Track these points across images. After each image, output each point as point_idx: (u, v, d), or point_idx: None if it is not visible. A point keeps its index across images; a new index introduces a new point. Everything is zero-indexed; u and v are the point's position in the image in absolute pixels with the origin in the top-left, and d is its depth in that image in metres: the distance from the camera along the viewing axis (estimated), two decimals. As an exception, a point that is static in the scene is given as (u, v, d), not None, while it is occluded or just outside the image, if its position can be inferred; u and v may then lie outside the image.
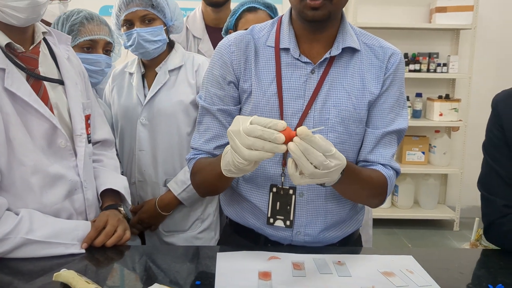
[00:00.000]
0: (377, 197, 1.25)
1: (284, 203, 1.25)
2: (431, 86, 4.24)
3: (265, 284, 1.06)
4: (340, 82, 1.23)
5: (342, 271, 1.13)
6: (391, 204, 4.25)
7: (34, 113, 1.21)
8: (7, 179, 1.17)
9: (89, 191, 1.35)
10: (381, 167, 1.24)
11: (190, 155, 1.31)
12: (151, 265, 1.19)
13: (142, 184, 1.84)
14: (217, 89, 1.27)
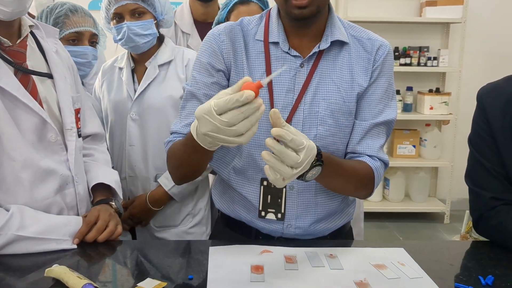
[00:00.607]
0: (364, 188, 1.25)
1: (275, 196, 1.26)
2: (421, 80, 4.26)
3: (257, 277, 1.06)
4: (329, 75, 1.24)
5: (334, 264, 1.13)
6: (382, 198, 4.27)
7: (23, 107, 1.20)
8: (-4, 175, 1.16)
9: (80, 186, 1.34)
10: (367, 158, 1.24)
11: (168, 138, 1.27)
12: (143, 260, 1.19)
13: (132, 179, 1.83)
14: (205, 76, 1.25)
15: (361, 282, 1.04)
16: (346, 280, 1.05)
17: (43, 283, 1.02)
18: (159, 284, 1.02)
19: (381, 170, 1.26)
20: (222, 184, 1.37)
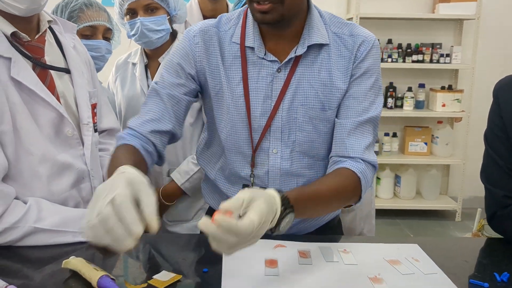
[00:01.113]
0: (350, 200, 1.18)
1: None
2: (434, 77, 4.23)
3: (272, 271, 1.06)
4: (308, 80, 1.19)
5: (348, 259, 1.13)
6: (393, 195, 4.26)
7: (41, 102, 1.21)
8: (14, 169, 1.18)
9: (96, 180, 1.36)
10: (350, 163, 1.16)
11: (121, 133, 1.20)
12: (157, 253, 1.20)
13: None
14: (173, 77, 1.22)
15: (376, 278, 1.04)
16: (360, 275, 1.05)
17: (60, 274, 1.04)
18: (174, 277, 1.03)
19: (368, 173, 1.18)
20: (211, 183, 1.38)
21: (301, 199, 1.01)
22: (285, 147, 1.23)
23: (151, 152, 1.18)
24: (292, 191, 1.00)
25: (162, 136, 1.21)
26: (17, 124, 1.17)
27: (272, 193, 0.93)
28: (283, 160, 1.23)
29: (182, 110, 1.24)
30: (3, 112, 1.14)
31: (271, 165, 1.24)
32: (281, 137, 1.22)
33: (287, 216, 0.94)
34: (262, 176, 1.25)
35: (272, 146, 1.23)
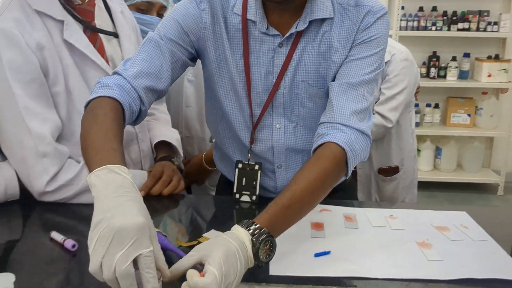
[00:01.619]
0: (337, 180, 1.06)
1: (250, 179, 1.24)
2: (480, 46, 4.07)
3: (318, 234, 1.07)
4: (309, 55, 1.13)
5: (395, 224, 1.13)
6: (433, 167, 4.18)
7: (92, 65, 1.24)
8: (67, 129, 1.21)
9: (144, 143, 1.39)
10: (335, 134, 1.04)
11: (107, 79, 1.03)
12: (205, 215, 1.23)
13: (189, 140, 1.87)
14: (174, 35, 1.11)
15: (423, 243, 1.04)
16: (408, 240, 1.05)
17: (113, 231, 1.07)
18: (223, 237, 1.05)
19: (356, 144, 1.05)
20: (220, 151, 1.36)
21: (276, 216, 0.90)
22: (289, 122, 1.20)
23: (133, 112, 1.04)
24: (263, 213, 0.90)
25: (153, 95, 1.09)
26: (70, 85, 1.20)
27: (235, 232, 0.84)
28: (287, 135, 1.21)
29: (177, 70, 1.14)
30: (56, 74, 1.17)
31: (275, 140, 1.21)
32: (283, 112, 1.19)
33: (265, 243, 0.85)
34: (267, 152, 1.23)
35: (275, 121, 1.20)
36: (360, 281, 0.90)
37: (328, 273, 0.91)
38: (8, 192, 1.18)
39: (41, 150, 1.13)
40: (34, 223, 1.16)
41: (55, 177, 1.15)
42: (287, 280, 0.89)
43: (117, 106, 0.98)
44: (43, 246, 1.01)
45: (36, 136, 1.13)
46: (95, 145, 0.85)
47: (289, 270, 0.92)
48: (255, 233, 0.84)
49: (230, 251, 0.79)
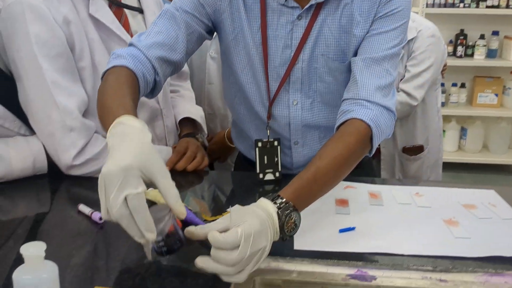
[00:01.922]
0: (361, 157, 1.04)
1: (271, 156, 1.23)
2: (509, 24, 3.95)
3: (342, 210, 1.07)
4: (329, 28, 1.10)
5: (421, 201, 1.12)
6: (458, 148, 4.12)
7: (117, 40, 1.24)
8: (93, 104, 1.22)
9: (168, 119, 1.40)
10: (360, 111, 1.02)
11: (122, 50, 1.03)
12: (230, 189, 1.24)
13: (211, 117, 1.87)
14: (189, 7, 1.10)
15: (450, 220, 1.02)
16: (435, 218, 1.04)
17: (139, 205, 1.09)
18: (248, 212, 1.05)
19: (382, 120, 1.03)
20: (238, 128, 1.36)
21: (300, 190, 0.89)
22: (306, 98, 1.18)
23: (148, 82, 1.03)
24: (287, 187, 0.89)
25: (168, 67, 1.09)
26: (95, 60, 1.21)
27: (262, 204, 0.83)
28: (304, 111, 1.19)
29: (193, 43, 1.13)
30: (82, 49, 1.18)
31: (292, 116, 1.20)
32: (301, 88, 1.17)
33: (290, 217, 0.84)
34: (283, 128, 1.23)
35: (292, 97, 1.18)
36: (386, 257, 0.89)
37: (353, 248, 0.91)
38: (36, 165, 1.20)
39: (68, 124, 1.15)
40: (61, 196, 1.18)
41: (82, 151, 1.17)
42: (312, 255, 0.89)
43: (130, 73, 0.98)
44: (71, 219, 1.04)
45: (63, 110, 1.14)
46: (106, 109, 0.87)
47: (314, 245, 0.92)
48: (281, 207, 0.83)
49: (262, 219, 0.78)
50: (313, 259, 0.88)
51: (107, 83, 0.95)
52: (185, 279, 0.81)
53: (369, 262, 0.88)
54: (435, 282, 0.85)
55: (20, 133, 1.21)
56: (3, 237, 0.95)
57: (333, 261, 0.88)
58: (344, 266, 0.87)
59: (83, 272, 0.83)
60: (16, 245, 0.90)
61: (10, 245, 0.92)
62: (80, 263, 0.86)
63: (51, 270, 0.67)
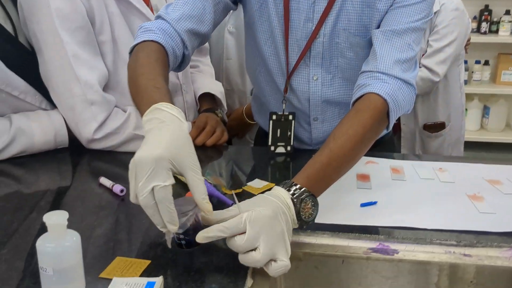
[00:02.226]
0: (378, 134, 1.00)
1: (285, 130, 1.22)
2: (535, -2, 3.84)
3: (364, 185, 1.06)
4: (352, 2, 1.08)
5: (444, 177, 1.10)
6: (480, 127, 4.04)
7: (137, 13, 1.23)
8: (113, 78, 1.22)
9: (188, 94, 1.39)
10: (376, 85, 0.98)
11: (150, 24, 1.01)
12: (249, 164, 1.23)
13: (229, 93, 1.86)
14: None
15: (475, 195, 1.00)
16: (458, 193, 1.02)
17: (159, 179, 1.09)
18: (267, 185, 1.05)
19: (399, 95, 0.98)
20: (258, 101, 1.34)
21: (315, 175, 0.86)
22: (326, 73, 1.16)
23: (177, 57, 1.02)
24: (301, 172, 0.86)
25: (196, 39, 1.07)
26: (115, 34, 1.20)
27: (275, 192, 0.81)
28: (324, 87, 1.18)
29: (219, 13, 1.11)
30: (102, 22, 1.18)
31: (311, 92, 1.19)
32: (321, 63, 1.15)
33: (306, 203, 0.81)
34: (303, 103, 1.21)
35: (313, 72, 1.16)
36: (408, 231, 0.88)
37: (374, 222, 0.90)
38: (57, 139, 1.21)
39: (89, 98, 1.15)
40: (83, 169, 1.19)
41: (102, 125, 1.17)
42: (333, 228, 0.88)
43: (161, 49, 0.97)
44: (93, 192, 1.04)
45: (84, 84, 1.14)
46: (140, 89, 0.86)
47: (334, 219, 0.91)
48: (295, 193, 0.80)
49: (273, 206, 0.76)
50: (334, 233, 0.88)
51: (138, 61, 0.93)
52: (207, 250, 0.80)
53: (391, 236, 0.87)
54: (458, 257, 0.84)
55: (41, 107, 1.22)
56: (27, 208, 0.96)
57: (354, 235, 0.87)
58: (366, 239, 0.86)
59: (105, 243, 0.84)
60: (40, 216, 0.91)
61: (33, 216, 0.93)
62: (102, 235, 0.86)
63: (74, 239, 0.68)
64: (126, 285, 0.67)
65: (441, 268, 0.84)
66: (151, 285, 0.67)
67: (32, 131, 1.17)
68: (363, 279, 0.86)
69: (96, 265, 0.76)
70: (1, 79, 1.12)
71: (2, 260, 0.78)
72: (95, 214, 0.94)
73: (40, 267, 0.67)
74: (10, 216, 0.93)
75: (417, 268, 0.84)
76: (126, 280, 0.68)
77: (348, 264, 0.85)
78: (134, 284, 0.67)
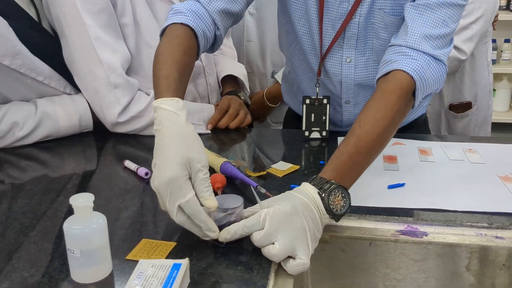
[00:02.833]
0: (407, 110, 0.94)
1: (319, 114, 1.19)
2: None
3: (391, 167, 1.03)
4: None
5: (474, 158, 1.07)
6: (508, 108, 3.94)
7: (158, -5, 1.22)
8: (136, 61, 1.22)
9: (211, 77, 1.38)
10: (403, 61, 0.93)
11: (182, 5, 0.99)
12: (273, 146, 1.22)
13: (250, 75, 1.84)
14: None
15: (507, 177, 0.97)
16: (489, 174, 0.99)
17: (183, 162, 1.09)
18: (292, 167, 1.04)
19: (427, 72, 0.93)
20: (288, 82, 1.32)
21: (342, 166, 0.83)
22: (360, 56, 1.13)
23: (208, 39, 1.00)
24: (328, 165, 0.83)
25: (228, 18, 1.05)
26: (137, 17, 1.20)
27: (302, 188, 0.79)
28: (357, 69, 1.15)
29: None
30: (124, 5, 1.17)
31: (344, 74, 1.16)
32: (356, 44, 1.12)
33: (335, 195, 0.78)
34: (335, 86, 1.19)
35: (346, 54, 1.14)
36: (438, 213, 0.86)
37: (403, 204, 0.88)
38: (82, 123, 1.21)
39: (112, 81, 1.15)
40: (108, 153, 1.19)
41: (126, 108, 1.17)
42: (359, 211, 0.87)
43: (188, 32, 0.95)
44: (118, 175, 1.05)
45: (108, 66, 1.14)
46: (154, 79, 0.87)
47: (361, 201, 0.90)
48: (322, 187, 0.78)
49: (295, 201, 0.75)
50: (361, 215, 0.86)
51: (159, 47, 0.93)
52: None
53: (419, 218, 0.85)
54: (490, 239, 0.81)
55: (65, 92, 1.22)
56: (54, 192, 0.97)
57: (382, 217, 0.85)
58: (394, 222, 0.85)
59: (131, 225, 0.84)
60: (67, 199, 0.92)
61: (61, 199, 0.94)
62: (128, 217, 0.87)
63: (100, 221, 0.68)
64: (152, 267, 0.67)
65: (472, 250, 0.82)
66: (177, 266, 0.67)
67: (57, 115, 1.18)
68: (390, 261, 0.84)
69: (123, 247, 0.77)
70: (26, 64, 1.12)
71: (31, 242, 0.79)
72: (121, 197, 0.94)
73: (68, 249, 0.67)
74: (38, 199, 0.94)
75: (447, 250, 0.82)
76: (153, 262, 0.68)
77: (375, 246, 0.83)
78: (160, 266, 0.67)
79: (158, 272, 0.66)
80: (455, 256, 0.83)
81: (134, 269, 0.67)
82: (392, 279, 0.85)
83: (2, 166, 1.10)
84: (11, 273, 0.72)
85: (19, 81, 1.14)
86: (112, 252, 0.72)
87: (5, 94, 1.16)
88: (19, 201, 0.93)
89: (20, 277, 0.70)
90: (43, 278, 0.70)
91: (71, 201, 0.66)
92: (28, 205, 0.92)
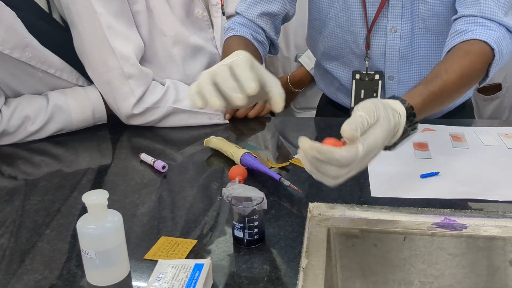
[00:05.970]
0: (475, 83, 0.92)
1: (370, 90, 1.12)
2: None
3: (423, 154, 0.97)
4: None
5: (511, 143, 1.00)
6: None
7: (172, -20, 1.17)
8: (149, 50, 1.17)
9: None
10: (482, 31, 0.88)
11: (229, 22, 1.12)
12: (295, 136, 1.17)
13: (272, 60, 1.78)
14: None
15: (549, 163, 0.91)
16: (530, 160, 0.92)
17: (201, 154, 1.04)
18: (316, 158, 0.98)
19: (504, 45, 0.89)
20: (322, 68, 1.27)
21: (427, 102, 0.78)
22: (406, 24, 1.07)
23: (262, 42, 1.09)
24: (416, 96, 0.77)
25: (273, 19, 1.11)
26: (150, 4, 1.15)
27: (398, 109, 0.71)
28: (402, 40, 1.08)
29: None
30: (136, -9, 1.12)
31: (388, 46, 1.10)
32: (401, 12, 1.05)
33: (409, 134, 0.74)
34: (377, 59, 1.12)
35: (390, 24, 1.07)
36: (477, 203, 0.80)
37: (438, 194, 0.82)
38: (96, 115, 1.17)
39: (126, 71, 1.10)
40: (123, 147, 1.15)
41: (141, 99, 1.12)
42: (391, 203, 0.81)
43: (243, 39, 1.05)
44: (134, 169, 1.01)
45: (121, 56, 1.09)
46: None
47: (393, 191, 0.84)
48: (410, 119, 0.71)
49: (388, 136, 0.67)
50: (393, 207, 0.81)
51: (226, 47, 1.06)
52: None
53: (457, 210, 0.79)
54: (536, 231, 0.75)
55: (78, 84, 1.18)
56: (68, 188, 0.93)
57: (416, 209, 0.80)
58: (429, 214, 0.79)
59: (148, 222, 0.80)
60: (81, 196, 0.88)
61: (75, 195, 0.90)
62: (145, 213, 0.82)
63: (116, 219, 0.64)
64: (172, 268, 0.62)
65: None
66: (199, 267, 0.62)
67: (70, 108, 1.14)
68: (427, 257, 0.78)
69: (140, 245, 0.73)
70: (37, 57, 1.08)
71: (45, 241, 0.75)
72: (137, 192, 0.90)
73: (82, 250, 0.63)
74: (52, 196, 0.90)
75: (489, 244, 0.76)
76: (173, 263, 0.63)
77: (410, 241, 0.78)
78: (181, 267, 0.62)
79: (179, 273, 0.61)
80: (498, 250, 0.77)
81: (153, 270, 0.63)
82: (429, 275, 0.79)
83: (15, 162, 1.07)
84: (23, 275, 0.68)
85: (30, 74, 1.10)
86: (129, 251, 0.67)
87: (15, 88, 1.12)
88: (32, 198, 0.89)
89: (33, 280, 0.67)
90: (57, 280, 0.66)
91: (84, 199, 0.62)
92: (41, 202, 0.88)
